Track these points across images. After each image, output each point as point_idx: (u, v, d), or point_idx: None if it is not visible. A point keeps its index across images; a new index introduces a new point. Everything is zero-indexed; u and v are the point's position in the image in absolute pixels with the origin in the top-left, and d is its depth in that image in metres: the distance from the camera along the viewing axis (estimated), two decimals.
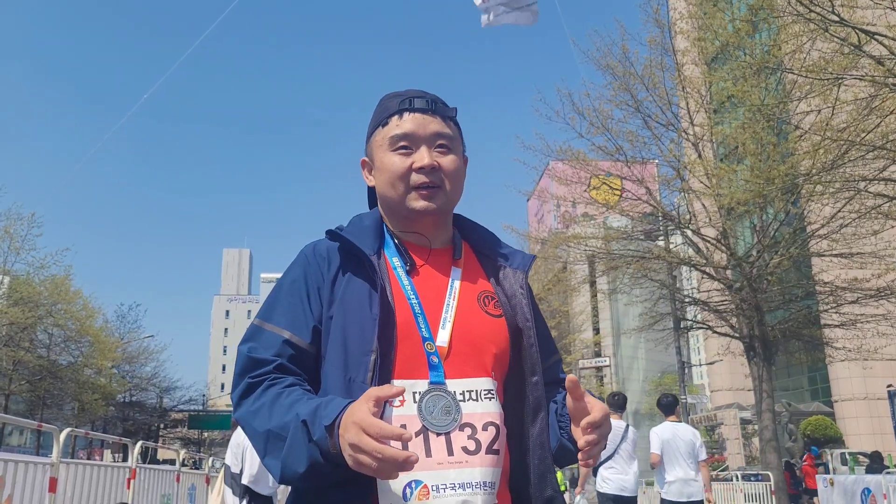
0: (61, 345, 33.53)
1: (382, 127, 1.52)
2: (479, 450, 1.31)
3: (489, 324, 1.46)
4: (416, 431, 1.29)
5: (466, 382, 1.37)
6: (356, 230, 1.52)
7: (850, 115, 13.17)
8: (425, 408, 1.32)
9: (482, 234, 1.63)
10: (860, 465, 23.73)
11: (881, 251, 16.42)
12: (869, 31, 11.18)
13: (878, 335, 17.81)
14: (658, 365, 53.40)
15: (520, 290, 1.53)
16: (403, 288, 1.44)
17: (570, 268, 25.46)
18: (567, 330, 40.74)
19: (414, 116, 1.50)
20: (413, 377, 1.35)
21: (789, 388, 41.27)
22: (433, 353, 1.37)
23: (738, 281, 17.37)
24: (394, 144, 1.49)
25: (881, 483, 12.04)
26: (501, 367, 1.45)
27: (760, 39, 16.08)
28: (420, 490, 1.26)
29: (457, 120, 1.58)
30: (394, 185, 1.48)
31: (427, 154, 1.47)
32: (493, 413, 1.36)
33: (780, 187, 14.03)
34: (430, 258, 1.51)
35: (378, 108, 1.56)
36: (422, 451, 1.27)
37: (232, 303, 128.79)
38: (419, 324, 1.39)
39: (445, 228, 1.57)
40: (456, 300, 1.46)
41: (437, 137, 1.50)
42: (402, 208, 1.49)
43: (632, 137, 17.86)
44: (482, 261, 1.59)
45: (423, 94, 1.54)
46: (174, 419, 51.42)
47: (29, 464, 6.41)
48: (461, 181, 1.55)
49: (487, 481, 1.30)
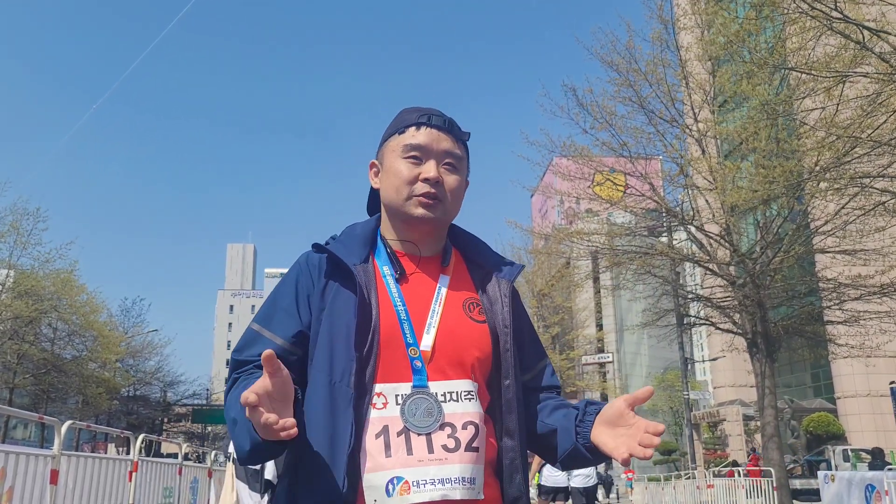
0: (66, 339, 33.60)
1: (399, 134, 1.59)
2: (459, 447, 1.40)
3: (473, 329, 1.54)
4: (398, 431, 1.39)
5: (448, 384, 1.45)
6: (346, 239, 1.61)
7: (855, 112, 13.11)
8: (408, 410, 1.41)
9: (474, 243, 1.71)
10: (862, 461, 23.70)
11: (885, 248, 16.38)
12: (873, 28, 11.13)
13: (881, 332, 17.79)
14: (661, 361, 53.35)
15: (503, 297, 1.60)
16: (391, 295, 1.52)
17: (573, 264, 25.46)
18: (570, 326, 40.74)
19: (430, 131, 1.58)
20: (396, 381, 1.44)
21: (792, 385, 41.20)
22: (416, 357, 1.46)
23: (742, 277, 17.35)
24: (406, 152, 1.57)
25: (884, 480, 12.02)
26: (484, 370, 1.53)
27: (765, 37, 16.00)
28: (401, 486, 1.35)
29: (467, 144, 1.65)
30: (398, 189, 1.56)
31: (434, 168, 1.55)
32: (473, 413, 1.44)
33: (784, 185, 13.98)
34: (419, 265, 1.59)
35: (397, 118, 1.64)
36: (403, 450, 1.37)
37: (236, 298, 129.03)
38: (404, 330, 1.48)
39: (439, 238, 1.64)
40: (442, 306, 1.54)
41: (446, 155, 1.58)
42: (402, 213, 1.57)
43: (636, 133, 17.82)
44: (471, 269, 1.67)
45: (441, 113, 1.62)
46: (178, 413, 51.63)
47: (30, 456, 6.41)
48: (460, 200, 1.62)
49: (467, 477, 1.38)
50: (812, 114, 14.70)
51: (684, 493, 20.57)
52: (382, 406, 1.40)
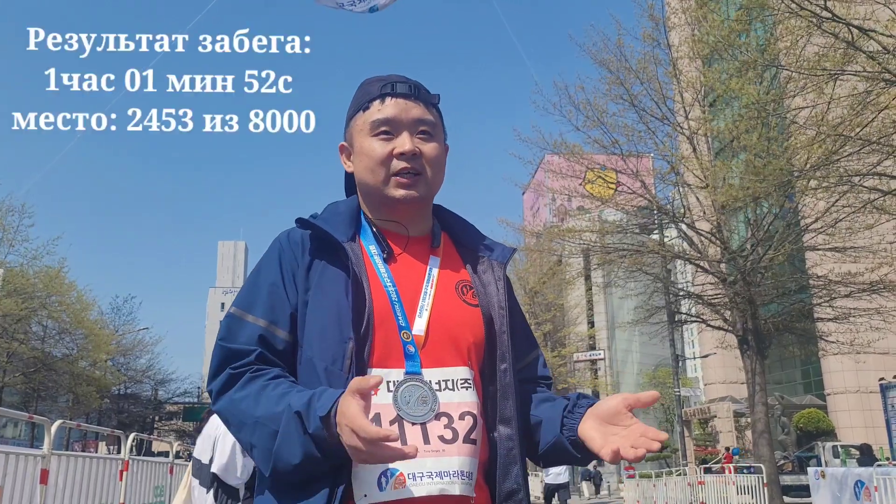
0: (56, 337, 33.45)
1: (363, 111, 1.48)
2: (456, 439, 1.30)
3: (467, 312, 1.44)
4: (391, 420, 1.28)
5: (443, 372, 1.35)
6: (330, 217, 1.49)
7: (844, 111, 13.17)
8: (401, 397, 1.30)
9: (462, 225, 1.61)
10: (852, 457, 23.83)
11: (875, 245, 16.45)
12: (861, 27, 11.17)
13: (871, 329, 17.87)
14: (652, 358, 53.56)
15: (496, 280, 1.51)
16: (380, 275, 1.41)
17: (565, 261, 25.48)
18: (562, 323, 40.78)
19: (396, 101, 1.46)
20: (389, 366, 1.33)
21: (782, 382, 41.40)
22: (409, 342, 1.35)
23: (732, 274, 17.40)
24: (374, 129, 1.45)
25: (873, 476, 12.10)
26: (478, 356, 1.44)
27: (755, 36, 16.05)
28: (396, 478, 1.24)
29: (439, 107, 1.53)
30: (373, 170, 1.45)
31: (409, 140, 1.44)
32: (470, 402, 1.34)
33: (774, 183, 14.03)
34: (407, 246, 1.48)
35: (358, 92, 1.53)
36: (397, 440, 1.24)
37: (227, 295, 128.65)
38: (395, 311, 1.37)
39: (425, 217, 1.53)
40: (434, 288, 1.44)
41: (419, 123, 1.46)
42: (381, 195, 1.46)
43: (627, 131, 17.86)
44: (461, 251, 1.57)
45: (405, 79, 1.49)
46: (169, 411, 51.46)
47: (20, 455, 6.39)
48: (442, 169, 1.51)
49: (465, 470, 1.29)
50: (802, 112, 14.75)
51: (675, 490, 20.65)
52: (374, 393, 1.26)
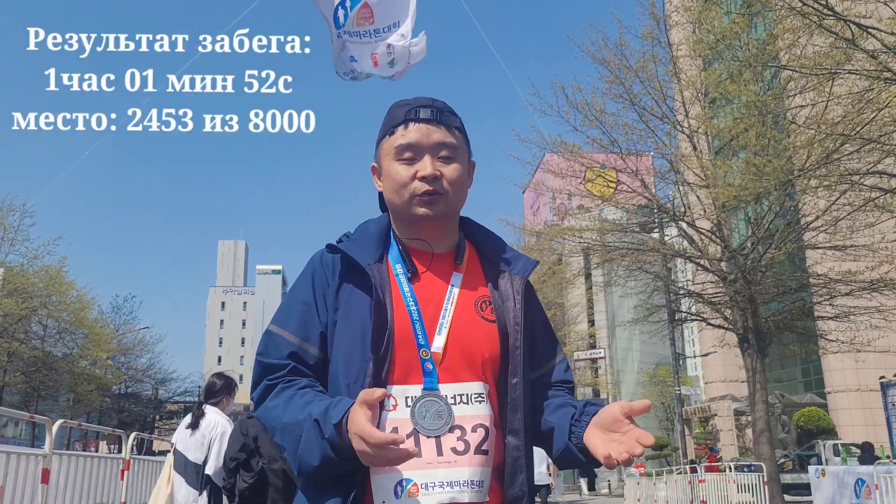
0: (56, 336, 33.45)
1: (389, 136, 1.59)
2: (468, 450, 1.41)
3: (484, 329, 1.53)
4: (408, 434, 1.40)
5: (459, 386, 1.46)
6: (359, 238, 1.62)
7: (844, 109, 13.17)
8: (418, 412, 1.42)
9: (489, 238, 1.70)
10: (852, 455, 23.83)
11: (875, 244, 16.45)
12: (862, 25, 11.17)
13: (871, 327, 17.89)
14: (653, 357, 53.54)
15: (515, 294, 1.59)
16: (403, 295, 1.52)
17: (565, 260, 25.44)
18: (562, 322, 40.78)
19: (418, 127, 1.56)
20: (407, 382, 1.45)
21: (783, 380, 41.43)
22: (427, 359, 1.47)
23: (733, 273, 17.41)
24: (399, 154, 1.56)
25: (874, 474, 12.11)
26: (493, 370, 1.53)
27: (756, 34, 16.04)
28: (410, 488, 1.37)
29: (462, 128, 1.63)
30: (398, 192, 1.56)
31: (430, 163, 1.54)
32: (483, 415, 1.45)
33: (775, 181, 14.03)
34: (432, 264, 1.59)
35: (387, 117, 1.63)
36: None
37: (227, 294, 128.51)
38: (416, 330, 1.48)
39: (450, 233, 1.63)
40: (454, 306, 1.54)
41: (440, 147, 1.56)
42: (406, 215, 1.57)
43: (626, 130, 17.82)
44: (485, 265, 1.65)
45: (429, 103, 1.60)
46: (170, 410, 51.55)
47: (21, 455, 6.39)
48: (463, 188, 1.61)
49: (476, 480, 1.40)
50: (802, 111, 14.75)
51: (676, 488, 20.65)
52: (392, 408, 1.42)
